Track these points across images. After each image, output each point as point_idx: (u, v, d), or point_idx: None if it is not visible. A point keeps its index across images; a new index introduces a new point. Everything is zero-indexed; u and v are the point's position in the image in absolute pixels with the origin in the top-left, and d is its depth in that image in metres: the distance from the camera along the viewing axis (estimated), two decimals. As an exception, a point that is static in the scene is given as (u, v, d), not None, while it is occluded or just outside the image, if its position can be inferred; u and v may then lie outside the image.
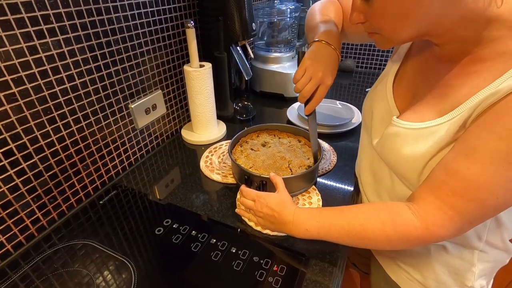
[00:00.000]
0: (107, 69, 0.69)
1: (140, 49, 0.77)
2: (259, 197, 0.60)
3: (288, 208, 0.57)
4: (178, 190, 0.75)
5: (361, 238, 0.50)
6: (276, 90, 1.24)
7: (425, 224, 0.45)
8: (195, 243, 0.60)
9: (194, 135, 0.96)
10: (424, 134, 0.48)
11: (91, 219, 0.67)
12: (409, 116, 0.53)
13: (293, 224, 0.55)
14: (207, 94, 0.90)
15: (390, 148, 0.54)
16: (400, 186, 0.57)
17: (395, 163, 0.54)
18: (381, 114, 0.60)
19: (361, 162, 0.70)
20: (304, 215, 0.55)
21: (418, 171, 0.50)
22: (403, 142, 0.51)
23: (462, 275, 0.56)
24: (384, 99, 0.59)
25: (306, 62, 0.63)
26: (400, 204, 0.49)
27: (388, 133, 0.55)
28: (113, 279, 0.54)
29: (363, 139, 0.70)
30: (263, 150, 0.79)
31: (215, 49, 0.95)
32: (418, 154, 0.49)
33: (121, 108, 0.76)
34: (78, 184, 0.69)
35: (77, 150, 0.67)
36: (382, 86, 0.61)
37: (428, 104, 0.50)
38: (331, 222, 0.52)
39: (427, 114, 0.49)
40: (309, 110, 0.67)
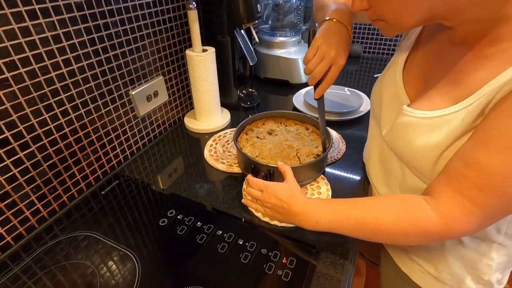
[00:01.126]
0: (106, 54, 0.66)
1: (140, 32, 0.73)
2: (267, 187, 0.57)
3: (298, 199, 0.54)
4: (182, 180, 0.73)
5: (375, 232, 0.47)
6: (281, 76, 1.20)
7: (444, 220, 0.42)
8: (200, 235, 0.58)
9: (197, 123, 0.93)
10: (438, 123, 0.45)
11: (93, 209, 0.65)
12: (421, 104, 0.49)
13: (303, 215, 0.53)
14: (211, 80, 0.86)
15: (401, 139, 0.51)
16: (412, 178, 0.54)
17: (407, 154, 0.51)
18: (390, 102, 0.57)
19: (370, 152, 0.67)
20: (314, 206, 0.53)
21: (432, 162, 0.47)
22: (416, 132, 0.48)
23: (478, 269, 0.54)
24: (393, 86, 0.56)
25: (317, 41, 0.59)
26: (417, 197, 0.46)
27: (399, 123, 0.52)
28: (117, 270, 0.52)
29: (372, 129, 0.67)
30: (269, 138, 0.76)
31: (218, 33, 0.91)
32: (432, 144, 0.46)
33: (121, 95, 0.73)
34: (79, 174, 0.66)
35: (77, 139, 0.64)
36: (391, 73, 0.57)
37: (441, 91, 0.46)
38: (344, 215, 0.49)
39: (440, 101, 0.46)
40: (320, 93, 0.63)
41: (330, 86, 0.62)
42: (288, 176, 0.59)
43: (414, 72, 0.54)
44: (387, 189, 0.62)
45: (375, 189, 0.67)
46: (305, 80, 1.18)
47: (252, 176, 0.63)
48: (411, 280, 0.61)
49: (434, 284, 0.58)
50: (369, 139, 0.69)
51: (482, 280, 0.55)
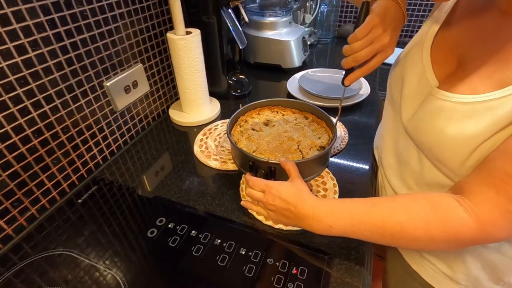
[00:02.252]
0: (71, 38, 0.55)
1: (112, 12, 0.62)
2: (270, 188, 0.50)
3: (307, 200, 0.47)
4: (170, 181, 0.64)
5: (398, 238, 0.41)
6: (272, 60, 1.11)
7: (482, 225, 0.37)
8: (196, 246, 0.50)
9: (184, 116, 0.84)
10: (479, 109, 0.39)
11: (69, 221, 0.56)
12: (455, 87, 0.43)
13: (313, 219, 0.46)
14: (197, 67, 0.77)
15: (428, 126, 0.45)
16: (431, 171, 0.48)
17: (434, 145, 0.44)
18: (414, 85, 0.50)
19: (383, 141, 0.61)
20: (326, 208, 0.46)
21: (465, 156, 0.41)
22: (449, 119, 0.42)
23: (498, 269, 0.50)
24: (419, 66, 0.49)
25: (375, 20, 0.49)
26: (446, 197, 0.40)
27: (427, 108, 0.45)
28: (100, 293, 0.45)
29: (387, 115, 0.60)
30: (266, 130, 0.69)
31: (203, 13, 0.81)
32: (468, 134, 0.39)
33: (93, 87, 0.62)
34: (49, 182, 0.57)
35: (42, 142, 0.54)
36: (417, 50, 0.50)
37: (483, 72, 0.40)
38: (361, 219, 0.43)
39: (480, 85, 0.39)
40: (352, 80, 0.55)
41: (365, 75, 0.54)
42: (293, 173, 0.52)
43: (445, 49, 0.47)
44: (400, 181, 0.57)
45: (387, 180, 0.61)
46: (298, 64, 1.10)
47: (250, 174, 0.56)
48: (421, 277, 0.57)
49: (447, 284, 0.54)
50: (383, 127, 0.63)
51: (501, 281, 0.51)
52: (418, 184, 0.53)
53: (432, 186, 0.50)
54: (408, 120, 0.50)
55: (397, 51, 0.52)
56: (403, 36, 1.41)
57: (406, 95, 0.51)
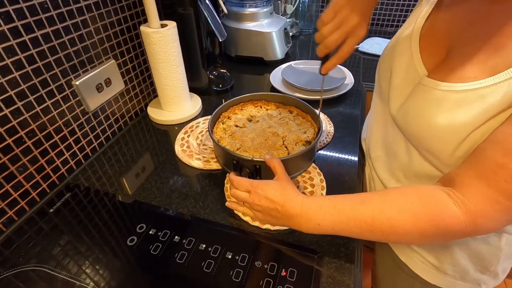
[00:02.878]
0: (30, 33, 0.50)
1: (77, 4, 0.57)
2: (255, 187, 0.47)
3: (294, 199, 0.45)
4: (151, 184, 0.61)
5: (388, 234, 0.40)
6: (254, 53, 1.08)
7: (472, 218, 0.36)
8: (180, 252, 0.48)
9: (163, 114, 0.80)
10: (470, 98, 0.37)
11: (42, 232, 0.52)
12: (444, 75, 0.41)
13: (301, 218, 0.44)
14: (174, 62, 0.73)
15: (418, 116, 0.43)
16: (420, 163, 0.47)
17: (424, 135, 0.43)
18: (402, 73, 0.48)
19: (371, 133, 0.60)
20: (314, 206, 0.44)
21: (454, 145, 0.40)
22: (438, 108, 0.40)
23: (485, 260, 0.50)
24: (407, 55, 0.47)
25: (340, 1, 0.47)
26: (436, 190, 0.39)
27: (416, 98, 0.44)
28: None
29: (375, 106, 0.59)
30: (250, 126, 0.66)
31: (179, 4, 0.76)
32: (458, 123, 0.38)
33: (60, 86, 0.58)
34: (15, 192, 0.52)
35: (4, 148, 0.49)
36: (405, 39, 0.48)
37: (474, 59, 0.38)
38: (350, 216, 0.41)
39: (470, 72, 0.38)
40: (329, 69, 0.53)
41: (343, 61, 0.52)
42: (278, 171, 0.50)
43: (434, 38, 0.45)
44: (388, 174, 0.56)
45: (375, 173, 0.60)
46: (281, 56, 1.08)
47: (234, 174, 0.53)
48: (410, 269, 0.57)
49: (435, 274, 0.54)
50: (370, 118, 0.61)
51: (487, 271, 0.51)
52: (407, 176, 0.52)
53: (421, 178, 0.49)
54: (397, 110, 0.49)
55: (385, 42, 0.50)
56: (391, 26, 1.40)
57: (394, 85, 0.50)
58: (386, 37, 1.28)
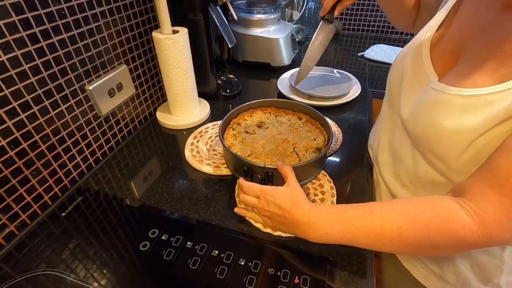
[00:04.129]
0: (48, 39, 0.51)
1: (92, 10, 0.58)
2: (265, 193, 0.47)
3: (302, 206, 0.45)
4: (161, 189, 0.61)
5: (397, 244, 0.39)
6: (261, 59, 1.08)
7: (485, 229, 0.35)
8: (193, 258, 0.48)
9: (172, 118, 0.81)
10: (477, 103, 0.38)
11: (53, 235, 0.52)
12: (454, 80, 0.42)
13: (308, 226, 0.44)
14: (185, 67, 0.73)
15: (426, 119, 0.44)
16: (425, 169, 0.48)
17: (431, 138, 0.44)
18: (413, 80, 0.49)
19: (379, 138, 0.60)
20: (322, 215, 0.44)
21: (461, 150, 0.40)
22: (446, 112, 0.41)
23: (487, 270, 0.50)
24: (418, 61, 0.48)
25: None
26: (447, 200, 0.39)
27: (426, 101, 0.45)
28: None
29: (384, 113, 0.60)
30: (260, 133, 0.67)
31: (189, 10, 0.77)
32: (465, 128, 0.39)
33: (75, 91, 0.58)
34: (29, 196, 0.53)
35: (19, 153, 0.50)
36: (417, 47, 0.49)
37: (483, 66, 0.39)
38: (358, 225, 0.41)
39: (480, 79, 0.39)
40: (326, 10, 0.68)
41: None
42: (289, 178, 0.50)
43: (446, 44, 0.46)
44: (394, 178, 0.57)
45: (381, 177, 0.61)
46: (288, 62, 1.09)
47: (244, 179, 0.54)
48: (412, 276, 0.57)
49: (437, 283, 0.54)
50: (378, 125, 0.62)
51: (490, 283, 0.51)
52: (412, 182, 0.52)
53: (426, 184, 0.50)
54: (407, 114, 0.49)
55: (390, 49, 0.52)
56: (395, 33, 1.42)
57: (405, 90, 0.51)
58: (391, 44, 1.29)
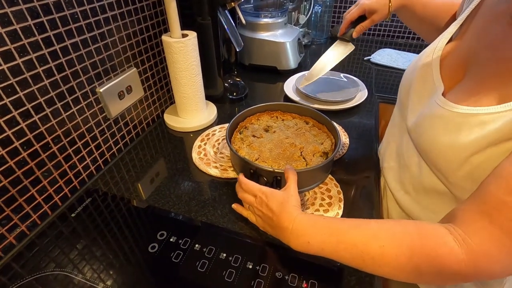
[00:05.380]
0: (61, 42, 0.52)
1: (104, 14, 0.59)
2: (262, 193, 0.48)
3: (290, 211, 0.44)
4: (169, 191, 0.62)
5: (379, 264, 0.37)
6: (268, 62, 1.09)
7: (473, 257, 0.33)
8: (201, 261, 0.48)
9: (180, 121, 0.81)
10: (471, 122, 0.38)
11: (62, 235, 0.53)
12: (458, 96, 0.42)
13: (291, 233, 0.43)
14: (193, 71, 0.74)
15: (426, 131, 0.45)
16: (429, 177, 0.48)
17: (430, 150, 0.45)
18: (420, 89, 0.49)
19: (387, 144, 0.61)
20: (307, 223, 0.42)
21: (455, 164, 0.40)
22: (443, 128, 0.42)
23: (488, 284, 0.50)
24: (428, 70, 0.48)
25: None
26: (437, 225, 0.37)
27: (428, 114, 0.45)
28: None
29: (394, 119, 0.60)
30: (267, 137, 0.67)
31: (198, 14, 0.78)
32: (459, 145, 0.39)
33: (86, 93, 0.59)
34: (39, 196, 0.54)
35: (32, 154, 0.51)
36: (429, 54, 0.50)
37: (487, 85, 0.39)
38: (340, 238, 0.39)
39: (484, 98, 0.39)
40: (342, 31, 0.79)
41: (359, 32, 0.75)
42: (289, 183, 0.50)
43: (455, 56, 0.46)
44: (398, 185, 0.57)
45: (386, 182, 0.61)
46: (294, 66, 1.09)
47: (243, 175, 0.54)
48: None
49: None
50: (388, 131, 0.62)
51: None
52: (416, 189, 0.52)
53: (429, 192, 0.50)
54: (412, 124, 0.50)
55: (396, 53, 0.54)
56: (402, 37, 1.42)
57: (412, 98, 0.51)
58: (397, 49, 1.29)
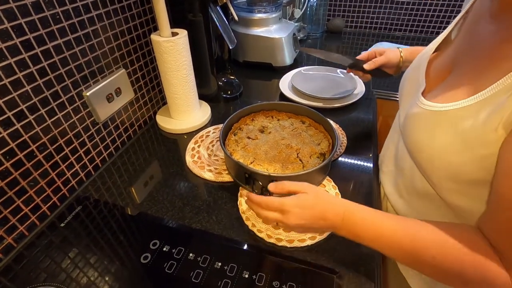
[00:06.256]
0: (42, 45, 0.49)
1: (88, 14, 0.56)
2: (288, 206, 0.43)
3: (335, 208, 0.42)
4: (162, 197, 0.60)
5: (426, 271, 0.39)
6: (262, 59, 1.06)
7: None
8: (195, 271, 0.47)
9: (172, 122, 0.79)
10: (444, 119, 0.37)
11: (52, 245, 0.51)
12: (437, 94, 0.41)
13: (340, 229, 0.42)
14: (185, 70, 0.72)
15: (409, 132, 0.44)
16: (421, 181, 0.46)
17: (413, 150, 0.44)
18: (409, 88, 0.49)
19: (387, 147, 0.59)
20: (357, 218, 0.41)
21: (435, 164, 0.39)
22: (420, 127, 0.41)
23: None
24: (418, 68, 0.47)
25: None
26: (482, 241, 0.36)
27: (410, 114, 0.45)
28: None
29: (394, 122, 0.58)
30: (262, 138, 0.65)
31: (189, 11, 0.75)
32: (434, 145, 0.38)
33: (71, 98, 0.56)
34: (26, 207, 0.51)
35: (16, 163, 0.48)
36: (421, 55, 0.48)
37: (464, 80, 0.38)
38: (390, 245, 0.39)
39: (460, 93, 0.37)
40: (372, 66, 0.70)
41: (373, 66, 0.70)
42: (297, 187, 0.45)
43: (443, 57, 0.45)
44: (394, 189, 0.56)
45: (383, 187, 0.60)
46: (290, 62, 1.06)
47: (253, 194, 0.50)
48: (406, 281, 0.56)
49: None
50: (389, 134, 0.61)
51: None
52: (409, 193, 0.51)
53: (421, 196, 0.48)
54: (401, 123, 0.49)
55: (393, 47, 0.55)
56: (399, 30, 1.39)
57: (403, 99, 0.51)
58: (394, 42, 1.27)
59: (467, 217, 0.40)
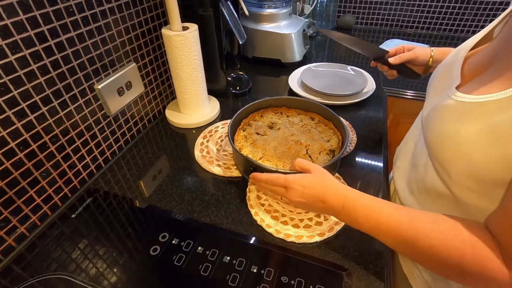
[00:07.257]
0: (56, 38, 0.49)
1: (100, 7, 0.56)
2: (292, 183, 0.46)
3: (335, 192, 0.44)
4: (171, 190, 0.60)
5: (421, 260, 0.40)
6: (271, 55, 1.06)
7: None
8: (204, 264, 0.47)
9: (181, 117, 0.79)
10: (475, 110, 0.36)
11: (63, 236, 0.52)
12: (471, 87, 0.40)
13: (339, 213, 0.44)
14: (195, 65, 0.72)
15: (433, 124, 0.43)
16: (432, 177, 0.46)
17: (434, 143, 0.43)
18: (438, 85, 0.47)
19: (405, 143, 0.59)
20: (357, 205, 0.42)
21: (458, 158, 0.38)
22: (448, 118, 0.40)
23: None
24: (450, 67, 0.46)
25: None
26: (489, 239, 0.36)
27: (437, 106, 0.44)
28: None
29: (417, 119, 0.58)
30: (272, 134, 0.65)
31: (199, 6, 0.75)
32: (460, 137, 0.37)
33: (83, 90, 0.57)
34: (38, 197, 0.52)
35: (29, 154, 0.49)
36: (456, 53, 0.47)
37: (504, 75, 0.36)
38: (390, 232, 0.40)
39: (494, 87, 0.36)
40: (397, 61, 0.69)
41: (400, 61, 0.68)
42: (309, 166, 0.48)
43: (482, 53, 0.44)
44: (405, 184, 0.55)
45: (394, 181, 0.59)
46: (299, 59, 1.06)
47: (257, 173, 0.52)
48: (408, 282, 0.56)
49: None
50: (410, 130, 0.60)
51: None
52: (420, 190, 0.51)
53: (431, 193, 0.47)
54: (424, 117, 0.48)
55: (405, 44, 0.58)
56: (410, 27, 1.37)
57: (429, 94, 0.50)
58: (406, 39, 1.25)
59: (476, 216, 0.40)
